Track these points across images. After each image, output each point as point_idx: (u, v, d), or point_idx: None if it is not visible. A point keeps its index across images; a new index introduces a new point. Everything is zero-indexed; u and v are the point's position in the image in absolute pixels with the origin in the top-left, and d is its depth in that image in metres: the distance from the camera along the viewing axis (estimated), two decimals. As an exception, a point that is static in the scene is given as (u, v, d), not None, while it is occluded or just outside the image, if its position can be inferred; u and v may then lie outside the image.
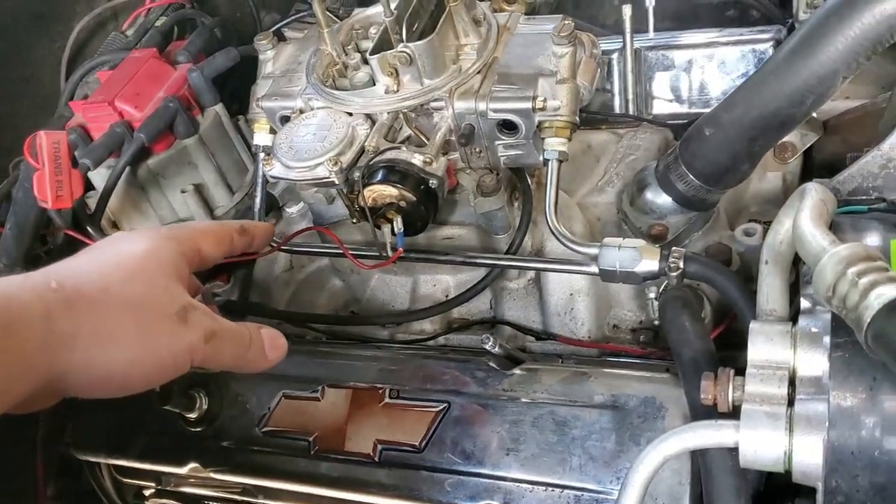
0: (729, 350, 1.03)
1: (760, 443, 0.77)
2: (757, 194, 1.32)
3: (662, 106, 1.49)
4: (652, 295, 1.12)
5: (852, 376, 0.73)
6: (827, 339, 0.77)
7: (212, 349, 0.82)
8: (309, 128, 1.11)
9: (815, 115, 1.28)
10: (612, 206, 1.29)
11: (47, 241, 1.34)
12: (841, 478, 0.74)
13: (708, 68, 1.44)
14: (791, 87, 0.98)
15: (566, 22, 1.08)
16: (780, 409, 0.78)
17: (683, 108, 1.47)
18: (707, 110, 1.44)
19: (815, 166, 1.34)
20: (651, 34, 1.49)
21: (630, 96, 1.45)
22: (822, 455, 0.74)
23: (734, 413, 0.82)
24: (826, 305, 0.69)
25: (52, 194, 1.10)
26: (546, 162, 1.10)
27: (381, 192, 1.08)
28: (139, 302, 0.77)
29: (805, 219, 0.77)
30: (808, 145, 1.31)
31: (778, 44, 1.41)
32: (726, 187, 1.13)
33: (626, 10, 1.42)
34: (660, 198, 1.17)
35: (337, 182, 1.08)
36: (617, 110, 1.48)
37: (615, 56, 1.46)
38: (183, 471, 1.22)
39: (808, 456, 0.75)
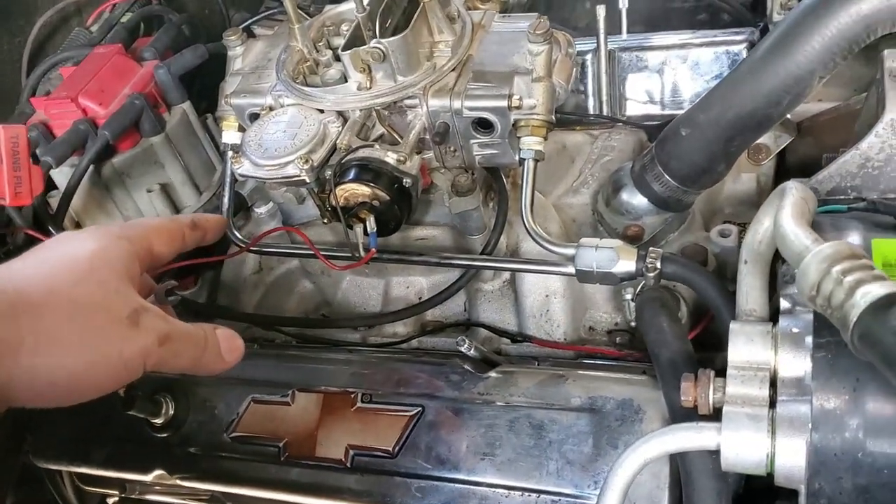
0: (705, 352, 1.02)
1: (742, 445, 0.76)
2: (731, 196, 1.32)
3: (636, 107, 1.48)
4: (628, 296, 1.10)
5: (835, 377, 0.72)
6: (809, 340, 0.76)
7: (166, 352, 0.79)
8: (279, 125, 1.09)
9: (789, 116, 1.28)
10: (587, 208, 1.28)
11: (7, 242, 1.30)
12: (824, 480, 0.73)
13: (682, 70, 1.44)
14: (768, 87, 0.97)
15: (542, 20, 1.07)
16: (762, 411, 0.76)
17: (657, 110, 1.46)
18: (680, 112, 1.45)
19: (789, 168, 1.34)
20: (624, 35, 1.49)
21: (604, 97, 1.44)
22: (805, 457, 0.73)
23: (715, 415, 0.81)
24: (809, 305, 0.68)
25: (9, 191, 1.06)
26: (522, 161, 1.08)
27: (353, 191, 1.05)
28: (88, 305, 0.73)
29: (787, 217, 0.76)
30: (782, 147, 1.31)
31: (751, 46, 1.41)
32: (702, 188, 1.12)
33: (601, 11, 1.41)
34: (635, 198, 1.16)
35: (307, 181, 1.05)
36: (591, 111, 1.47)
37: (589, 57, 1.45)
38: (148, 478, 1.19)
39: (791, 458, 0.74)
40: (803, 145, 1.32)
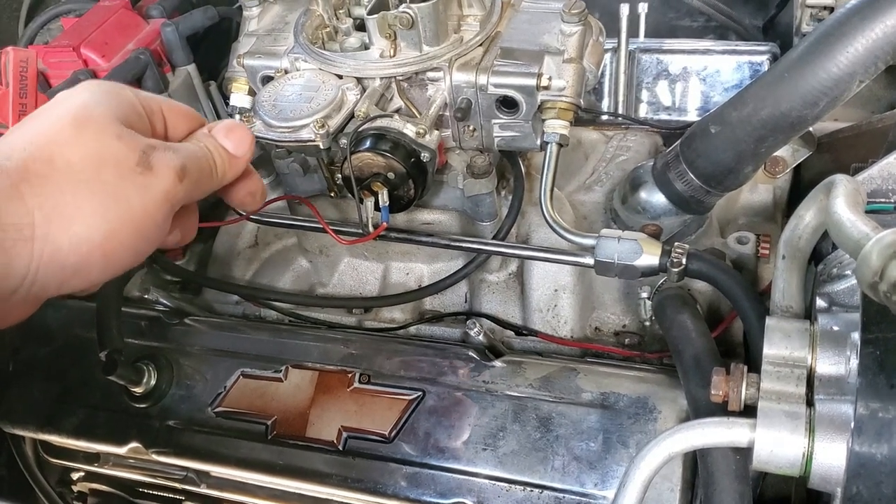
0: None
1: (778, 443, 0.72)
2: (746, 206, 1.29)
3: (650, 111, 1.45)
4: (645, 294, 1.07)
5: (883, 374, 0.68)
6: (854, 336, 0.72)
7: (187, 186, 0.69)
8: (295, 87, 1.04)
9: (811, 129, 1.25)
10: (599, 206, 1.25)
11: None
12: (863, 484, 0.68)
13: (702, 76, 1.41)
14: (805, 88, 0.94)
15: (577, 0, 1.03)
16: (799, 409, 0.73)
17: (673, 115, 1.44)
18: (689, 119, 1.42)
19: (804, 184, 1.32)
20: (642, 38, 1.46)
21: (620, 98, 1.41)
22: (845, 459, 0.69)
23: (744, 412, 0.77)
24: (870, 293, 0.64)
25: (13, 117, 1.00)
26: (545, 145, 1.04)
27: (368, 160, 1.00)
28: (92, 163, 0.64)
29: (841, 206, 0.72)
30: (800, 161, 1.28)
31: (774, 58, 1.39)
32: (725, 190, 1.09)
33: (624, 9, 1.39)
34: (654, 197, 1.13)
35: (322, 146, 1.00)
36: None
37: (607, 56, 1.42)
38: (121, 450, 1.12)
39: (829, 459, 0.70)
40: (820, 162, 1.29)
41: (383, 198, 1.02)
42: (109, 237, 0.64)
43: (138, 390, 1.11)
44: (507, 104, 1.04)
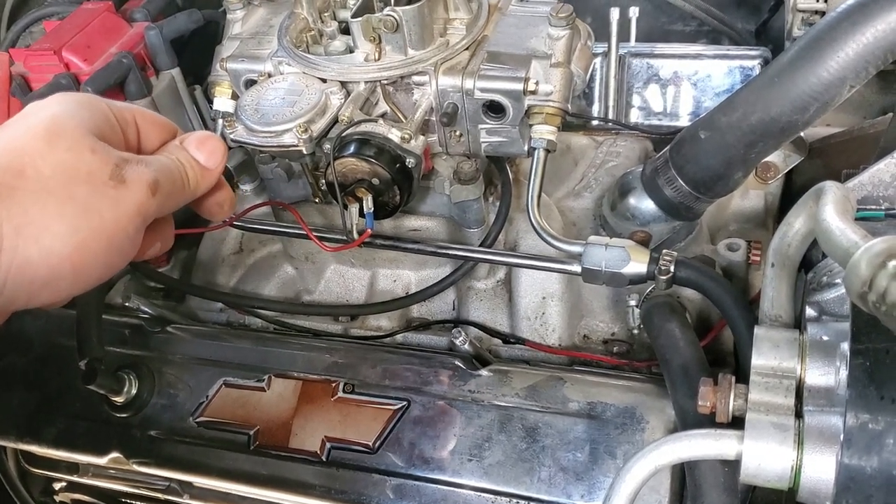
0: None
1: (766, 455, 0.70)
2: (737, 212, 1.27)
3: (641, 116, 1.44)
4: (633, 302, 1.05)
5: (873, 385, 0.67)
6: (844, 346, 0.71)
7: (160, 199, 0.69)
8: (278, 91, 1.02)
9: (802, 135, 1.24)
10: (588, 212, 1.23)
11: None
12: (853, 497, 0.67)
13: (693, 81, 1.40)
14: (795, 93, 0.93)
15: (564, 4, 1.02)
16: (787, 420, 0.71)
17: (663, 121, 1.42)
18: (680, 124, 1.41)
19: (796, 189, 1.30)
20: (633, 42, 1.45)
21: (611, 103, 1.39)
22: (835, 472, 0.68)
23: (732, 424, 0.75)
24: (859, 303, 0.63)
25: (-15, 122, 0.98)
26: (532, 151, 1.03)
27: (352, 166, 0.99)
28: (64, 176, 0.63)
29: (830, 213, 0.70)
30: (791, 167, 1.27)
31: (765, 63, 1.38)
32: (715, 196, 1.07)
33: (614, 14, 1.38)
34: (643, 203, 1.11)
35: (305, 151, 0.99)
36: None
37: (598, 61, 1.40)
38: (102, 461, 1.10)
39: (819, 472, 0.68)
40: (812, 167, 1.28)
41: (368, 204, 1.00)
42: (80, 249, 0.63)
43: (119, 400, 1.09)
44: (494, 109, 1.02)
